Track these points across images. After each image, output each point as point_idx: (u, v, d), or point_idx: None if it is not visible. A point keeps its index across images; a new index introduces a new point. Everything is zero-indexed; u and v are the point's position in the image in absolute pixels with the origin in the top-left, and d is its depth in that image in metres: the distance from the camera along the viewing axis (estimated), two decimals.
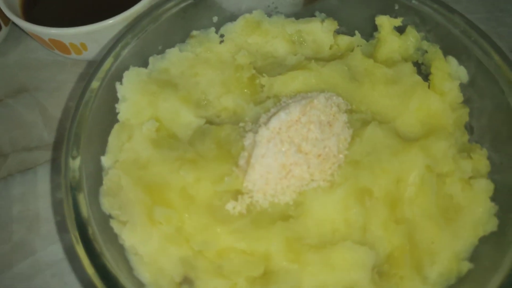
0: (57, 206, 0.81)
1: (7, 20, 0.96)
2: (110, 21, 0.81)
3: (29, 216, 0.80)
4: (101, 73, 0.62)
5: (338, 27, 0.76)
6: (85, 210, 0.53)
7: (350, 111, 0.66)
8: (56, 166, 0.85)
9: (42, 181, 0.84)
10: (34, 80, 0.97)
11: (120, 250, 0.57)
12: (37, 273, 0.75)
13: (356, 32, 0.76)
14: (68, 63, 0.98)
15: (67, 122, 0.87)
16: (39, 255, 0.77)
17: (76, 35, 0.83)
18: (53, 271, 0.75)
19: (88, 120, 0.59)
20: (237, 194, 0.61)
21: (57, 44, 0.87)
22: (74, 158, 0.56)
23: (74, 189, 0.54)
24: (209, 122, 0.69)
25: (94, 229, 0.52)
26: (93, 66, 0.93)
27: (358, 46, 0.75)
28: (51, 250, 0.77)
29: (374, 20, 0.73)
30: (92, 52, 0.89)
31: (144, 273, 0.55)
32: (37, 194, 0.83)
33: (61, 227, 0.79)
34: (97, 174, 0.61)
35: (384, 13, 0.72)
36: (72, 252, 0.73)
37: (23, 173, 0.85)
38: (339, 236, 0.58)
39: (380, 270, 0.56)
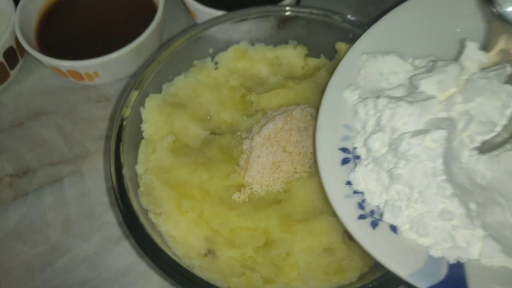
0: (85, 211, 0.89)
1: (23, 52, 1.01)
2: (120, 52, 0.89)
3: (61, 220, 0.88)
4: (129, 103, 0.74)
5: (307, 52, 0.87)
6: (135, 204, 0.67)
7: None
8: (80, 176, 0.94)
9: (69, 190, 0.92)
10: (50, 104, 1.03)
11: (159, 234, 0.68)
12: (74, 267, 0.81)
13: (322, 55, 0.87)
14: (78, 87, 1.04)
15: (84, 139, 0.99)
16: (74, 252, 0.83)
17: (92, 66, 0.91)
18: (88, 263, 0.82)
19: (125, 139, 0.71)
20: (240, 186, 0.71)
21: (73, 74, 0.95)
22: (121, 168, 0.69)
23: (125, 190, 0.67)
24: (213, 133, 0.79)
25: (142, 219, 0.66)
26: (99, 89, 1.04)
27: (323, 66, 0.84)
28: (84, 247, 0.83)
29: (335, 45, 0.84)
30: (102, 78, 0.96)
31: (178, 249, 0.67)
32: (66, 202, 0.91)
33: (91, 227, 0.87)
34: (134, 180, 0.72)
35: (342, 40, 0.83)
36: (102, 247, 0.86)
37: (51, 185, 0.92)
38: (318, 211, 0.69)
39: (349, 234, 0.65)
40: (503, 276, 0.50)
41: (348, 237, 0.69)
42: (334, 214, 0.61)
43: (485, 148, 0.55)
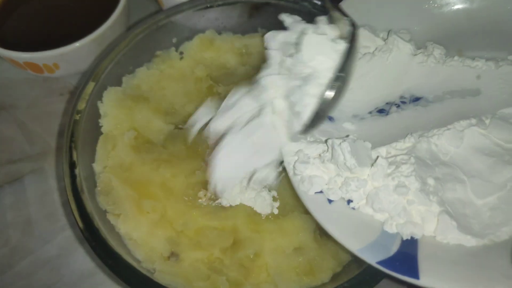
0: (46, 210, 0.86)
1: None
2: (80, 42, 0.86)
3: (22, 221, 0.85)
4: (85, 95, 0.70)
5: None
6: (88, 206, 0.63)
7: None
8: (41, 175, 0.90)
9: (29, 189, 0.89)
10: (9, 98, 0.99)
11: (118, 237, 0.66)
12: (36, 270, 0.79)
13: None
14: (39, 80, 1.00)
15: (46, 135, 0.96)
16: (36, 254, 0.81)
17: (50, 57, 0.87)
18: (50, 266, 0.79)
19: (80, 135, 0.67)
20: (206, 184, 0.67)
21: (31, 66, 0.91)
22: (74, 166, 0.65)
23: (78, 191, 0.63)
24: (178, 127, 0.76)
25: (97, 221, 0.62)
26: (61, 81, 1.01)
27: None
28: (46, 249, 0.82)
29: None
30: (63, 70, 0.93)
31: (139, 253, 0.65)
32: (27, 201, 0.87)
33: (54, 228, 0.84)
34: (91, 178, 0.70)
35: None
36: (66, 248, 0.82)
37: (11, 184, 0.88)
38: (289, 208, 0.68)
39: (321, 232, 0.67)
40: (456, 254, 0.49)
41: (320, 234, 0.68)
42: (305, 211, 0.60)
43: None
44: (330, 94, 0.54)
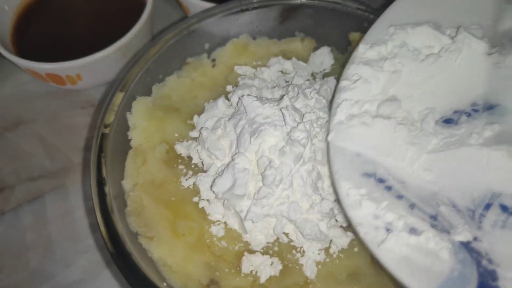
0: (69, 231, 0.82)
1: None
2: (104, 52, 0.83)
3: (42, 242, 0.81)
4: (114, 107, 0.66)
5: (316, 44, 0.81)
6: (120, 228, 0.57)
7: None
8: (63, 192, 0.86)
9: (50, 208, 0.85)
10: (30, 112, 0.97)
11: (151, 262, 0.60)
12: None
13: (333, 47, 0.80)
14: (60, 92, 0.98)
15: (68, 150, 0.92)
16: (56, 279, 0.77)
17: (73, 68, 0.84)
18: None
19: (108, 150, 0.63)
20: None
21: (53, 77, 0.88)
22: (103, 184, 0.60)
23: (109, 211, 0.58)
24: None
25: (129, 245, 0.57)
26: (84, 93, 0.97)
27: (336, 60, 0.79)
28: (67, 273, 0.78)
29: (347, 37, 0.79)
30: (86, 81, 0.90)
31: (175, 280, 0.59)
32: (48, 221, 0.83)
33: (76, 250, 0.80)
34: (120, 197, 0.64)
35: (356, 30, 0.77)
36: (89, 272, 0.78)
37: (31, 202, 0.85)
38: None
39: None
40: None
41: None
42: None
43: None
44: None
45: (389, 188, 0.55)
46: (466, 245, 0.51)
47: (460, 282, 0.48)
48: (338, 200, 0.58)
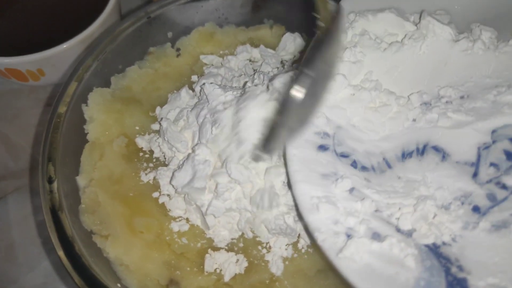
0: (32, 233, 0.79)
1: None
2: (66, 44, 0.79)
3: (4, 246, 0.78)
4: (66, 97, 0.62)
5: (285, 31, 0.78)
6: (68, 228, 0.54)
7: None
8: (26, 193, 0.83)
9: (13, 210, 0.82)
10: None
11: (106, 263, 0.57)
12: None
13: (303, 34, 0.77)
14: (25, 90, 0.95)
15: (33, 149, 0.89)
16: (19, 283, 0.75)
17: (33, 62, 0.81)
18: None
19: (59, 143, 0.59)
20: None
21: (14, 73, 0.84)
22: (51, 181, 0.56)
23: (56, 210, 0.54)
24: None
25: (79, 245, 0.53)
26: (51, 90, 0.94)
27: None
28: (31, 277, 0.76)
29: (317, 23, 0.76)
30: (49, 76, 0.87)
31: (131, 281, 0.56)
32: (10, 223, 0.81)
33: (39, 253, 0.77)
34: (74, 194, 0.61)
35: None
36: (52, 276, 0.76)
37: None
38: None
39: None
40: None
41: None
42: None
43: None
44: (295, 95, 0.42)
45: (345, 154, 0.52)
46: (434, 250, 0.47)
47: None
48: (295, 204, 0.54)
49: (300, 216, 0.53)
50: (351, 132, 0.56)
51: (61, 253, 0.52)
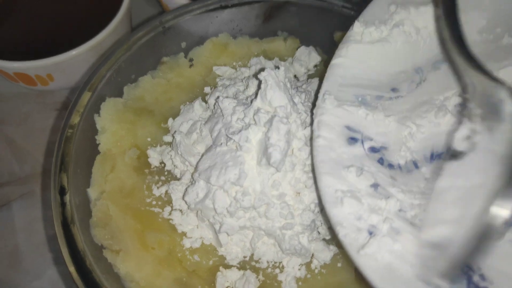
0: (37, 240, 0.78)
1: None
2: (76, 51, 0.79)
3: (8, 252, 0.78)
4: (79, 107, 0.62)
5: (300, 44, 0.78)
6: (80, 242, 0.53)
7: None
8: (32, 199, 0.82)
9: (18, 216, 0.81)
10: None
11: (116, 278, 0.56)
12: None
13: (317, 48, 0.77)
14: (32, 94, 0.95)
15: (40, 154, 0.88)
16: None
17: (42, 67, 0.81)
18: None
19: (72, 154, 0.58)
20: None
21: (22, 77, 0.84)
22: (64, 192, 0.56)
23: (68, 223, 0.54)
24: None
25: (90, 260, 0.52)
26: (58, 95, 0.93)
27: (320, 62, 0.76)
28: (35, 285, 0.75)
29: (332, 37, 0.75)
30: (58, 82, 0.86)
31: None
32: (15, 230, 0.80)
33: (44, 261, 0.77)
34: (85, 207, 0.60)
35: (341, 30, 0.74)
36: (57, 285, 0.75)
37: None
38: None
39: None
40: None
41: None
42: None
43: None
44: None
45: (374, 149, 0.52)
46: None
47: None
48: (319, 197, 0.53)
49: (322, 209, 0.53)
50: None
51: (72, 269, 0.51)
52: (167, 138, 0.68)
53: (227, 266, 0.58)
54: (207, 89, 0.72)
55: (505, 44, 0.59)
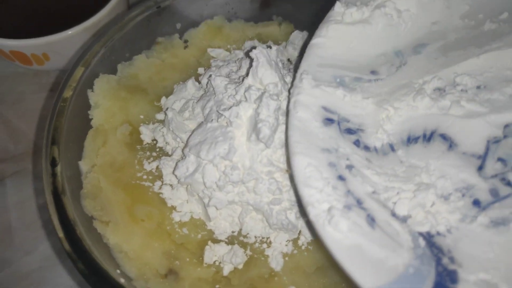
0: (30, 217, 0.79)
1: None
2: (73, 30, 0.80)
3: (0, 228, 0.78)
4: (72, 82, 0.62)
5: (294, 29, 0.79)
6: (70, 211, 0.53)
7: None
8: (25, 177, 0.83)
9: (11, 193, 0.82)
10: None
11: (106, 249, 0.57)
12: (14, 283, 0.73)
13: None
14: (29, 74, 0.95)
15: (34, 133, 0.88)
16: (15, 266, 0.75)
17: (38, 46, 0.81)
18: (30, 281, 0.74)
19: (64, 127, 0.59)
20: None
21: (18, 56, 0.85)
22: (55, 164, 0.56)
23: (59, 193, 0.54)
24: None
25: (80, 229, 0.53)
26: (54, 76, 0.94)
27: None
28: (26, 261, 0.75)
29: None
30: (54, 62, 0.87)
31: (130, 268, 0.56)
32: (8, 207, 0.80)
33: (36, 237, 0.77)
34: (76, 179, 0.61)
35: None
36: (48, 261, 0.75)
37: None
38: None
39: None
40: None
41: None
42: None
43: None
44: None
45: (351, 131, 0.51)
46: (427, 239, 0.46)
47: (414, 281, 0.43)
48: (291, 176, 0.53)
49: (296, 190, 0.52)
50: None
51: (61, 235, 0.52)
52: (160, 116, 0.68)
53: (216, 241, 0.59)
54: (200, 70, 0.73)
55: (486, 30, 0.60)
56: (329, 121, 0.53)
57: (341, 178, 0.48)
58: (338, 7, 0.61)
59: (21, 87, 0.94)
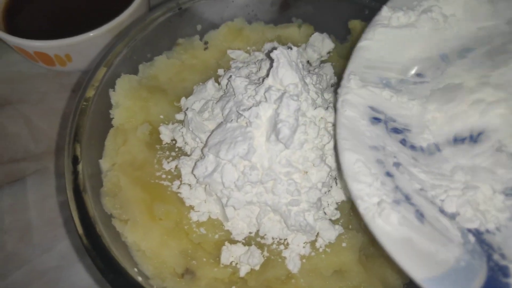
0: (49, 216, 0.79)
1: None
2: (95, 32, 0.80)
3: (20, 226, 0.79)
4: (95, 82, 0.63)
5: (314, 32, 0.78)
6: (91, 209, 0.54)
7: None
8: (46, 176, 0.84)
9: (31, 191, 0.82)
10: (17, 93, 0.95)
11: (124, 247, 0.57)
12: (32, 281, 0.74)
13: (331, 36, 0.77)
14: (50, 74, 0.96)
15: (55, 132, 0.89)
16: (33, 264, 0.75)
17: (62, 47, 0.82)
18: (47, 279, 0.74)
19: (86, 126, 0.60)
20: None
21: (42, 57, 0.86)
22: (77, 162, 0.57)
23: (80, 190, 0.55)
24: None
25: (100, 227, 0.53)
26: (76, 77, 0.95)
27: (333, 49, 0.76)
28: (44, 259, 0.76)
29: (347, 25, 0.75)
30: (76, 63, 0.88)
31: (147, 267, 0.56)
32: (28, 205, 0.81)
33: (55, 236, 0.78)
34: (97, 177, 0.61)
35: (356, 18, 0.74)
36: (66, 259, 0.76)
37: (11, 185, 0.83)
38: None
39: (367, 252, 0.59)
40: None
41: (366, 255, 0.59)
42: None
43: None
44: None
45: (397, 130, 0.52)
46: (476, 236, 0.47)
47: (466, 274, 0.44)
48: (339, 169, 0.55)
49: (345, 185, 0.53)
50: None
51: (81, 232, 0.52)
52: (179, 116, 0.68)
53: (233, 241, 0.59)
54: (220, 71, 0.73)
55: None
56: (376, 120, 0.54)
57: (389, 174, 0.50)
58: (385, 12, 0.61)
59: (43, 88, 0.95)
